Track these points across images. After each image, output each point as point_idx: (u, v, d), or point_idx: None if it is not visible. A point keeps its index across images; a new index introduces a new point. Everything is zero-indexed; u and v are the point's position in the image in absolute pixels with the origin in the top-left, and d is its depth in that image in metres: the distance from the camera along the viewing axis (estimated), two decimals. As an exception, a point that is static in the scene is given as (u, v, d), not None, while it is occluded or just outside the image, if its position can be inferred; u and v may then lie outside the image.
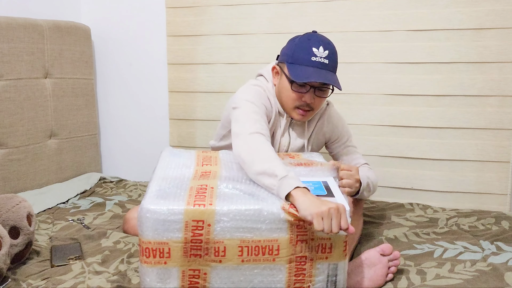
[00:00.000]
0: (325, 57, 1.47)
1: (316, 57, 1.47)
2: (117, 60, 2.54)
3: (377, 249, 1.34)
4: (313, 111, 1.56)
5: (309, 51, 1.47)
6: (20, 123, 2.08)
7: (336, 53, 1.53)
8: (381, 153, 2.16)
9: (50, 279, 1.34)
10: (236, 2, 2.25)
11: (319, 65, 1.47)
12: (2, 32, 2.00)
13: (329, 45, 1.51)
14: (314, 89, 1.50)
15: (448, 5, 1.99)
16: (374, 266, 1.31)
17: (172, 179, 1.27)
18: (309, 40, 1.50)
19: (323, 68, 1.47)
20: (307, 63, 1.47)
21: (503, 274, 1.33)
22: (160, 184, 1.24)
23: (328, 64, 1.48)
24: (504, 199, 2.03)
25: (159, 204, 1.14)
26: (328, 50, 1.49)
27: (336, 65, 1.52)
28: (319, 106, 1.56)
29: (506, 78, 1.96)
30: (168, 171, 1.33)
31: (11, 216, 1.42)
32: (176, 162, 1.40)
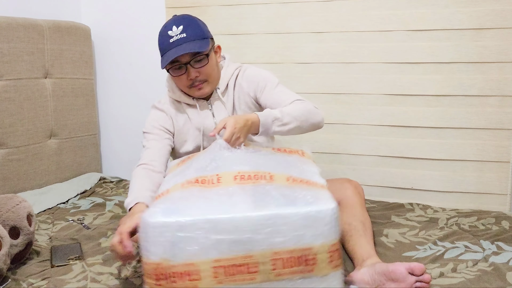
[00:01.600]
0: (181, 32, 1.53)
1: (172, 37, 1.53)
2: (117, 60, 2.54)
3: (406, 265, 1.23)
4: (208, 81, 1.59)
5: (166, 36, 1.54)
6: (20, 123, 2.08)
7: (194, 22, 1.57)
8: (381, 153, 2.16)
9: (50, 279, 1.33)
10: (236, 2, 2.25)
11: (178, 42, 1.52)
12: (2, 32, 1.99)
13: (183, 19, 1.56)
14: (189, 64, 1.54)
15: (448, 5, 1.99)
16: (398, 282, 1.22)
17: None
18: (165, 27, 1.57)
19: (183, 42, 1.52)
20: (168, 47, 1.54)
21: (505, 274, 1.33)
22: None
23: (187, 36, 1.52)
24: (504, 199, 2.03)
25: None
26: (182, 25, 1.54)
27: (198, 31, 1.55)
28: (210, 74, 1.58)
29: (506, 78, 1.96)
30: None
31: (11, 216, 1.41)
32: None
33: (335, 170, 2.21)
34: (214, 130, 1.37)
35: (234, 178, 1.17)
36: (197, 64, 1.55)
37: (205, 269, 1.06)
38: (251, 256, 1.07)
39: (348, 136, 2.19)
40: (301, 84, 2.20)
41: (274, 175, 1.19)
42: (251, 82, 1.65)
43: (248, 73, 1.67)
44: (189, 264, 1.05)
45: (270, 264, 1.08)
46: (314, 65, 2.18)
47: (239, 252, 1.06)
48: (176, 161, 1.45)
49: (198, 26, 1.57)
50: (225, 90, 1.66)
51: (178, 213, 1.07)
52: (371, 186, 2.18)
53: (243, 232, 1.06)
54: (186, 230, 1.05)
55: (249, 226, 1.06)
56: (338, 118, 2.18)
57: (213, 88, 1.62)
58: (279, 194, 1.13)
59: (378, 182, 2.18)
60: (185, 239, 1.05)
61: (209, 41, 1.59)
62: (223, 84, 1.65)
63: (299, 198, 1.12)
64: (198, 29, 1.56)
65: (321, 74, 2.18)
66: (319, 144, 2.21)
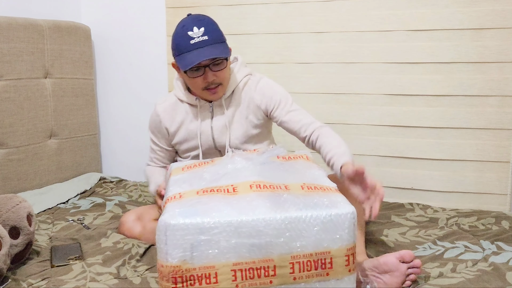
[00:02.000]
0: (203, 34, 1.51)
1: (194, 38, 1.51)
2: (117, 60, 2.54)
3: (396, 255, 1.28)
4: (222, 85, 1.59)
5: (186, 37, 1.51)
6: (20, 123, 2.08)
7: (213, 24, 1.56)
8: (381, 153, 2.16)
9: (50, 279, 1.33)
10: (236, 2, 2.25)
11: (200, 44, 1.51)
12: (2, 32, 1.99)
13: (203, 21, 1.55)
14: (208, 67, 1.53)
15: (448, 5, 1.99)
16: (391, 272, 1.26)
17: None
18: (184, 27, 1.54)
19: (205, 45, 1.51)
20: (189, 49, 1.51)
21: (505, 273, 1.33)
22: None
23: (209, 39, 1.51)
24: (504, 199, 2.03)
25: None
26: (203, 27, 1.52)
27: (218, 34, 1.55)
28: (226, 78, 1.59)
29: (506, 78, 1.96)
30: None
31: (11, 216, 1.41)
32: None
33: (335, 170, 2.21)
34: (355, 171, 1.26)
35: (250, 187, 1.17)
36: (216, 68, 1.54)
37: (224, 272, 1.06)
38: (270, 260, 1.08)
39: (348, 136, 2.18)
40: (301, 84, 2.20)
41: (289, 185, 1.20)
42: (265, 96, 1.64)
43: (261, 86, 1.66)
44: (209, 267, 1.05)
45: (288, 267, 1.09)
46: (314, 65, 2.18)
47: (258, 255, 1.07)
48: (179, 165, 1.43)
49: (218, 29, 1.57)
50: (230, 95, 1.66)
51: (198, 215, 1.06)
52: (371, 186, 2.17)
53: (264, 235, 1.06)
54: (207, 233, 1.04)
55: (270, 230, 1.06)
56: (338, 118, 2.18)
57: (224, 91, 1.63)
58: (297, 200, 1.13)
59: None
60: (206, 242, 1.04)
61: (227, 45, 1.59)
62: (230, 89, 1.64)
63: (317, 202, 1.13)
64: (218, 32, 1.56)
65: (321, 74, 2.18)
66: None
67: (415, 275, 1.29)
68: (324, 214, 1.09)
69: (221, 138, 1.66)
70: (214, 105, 1.65)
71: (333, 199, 1.15)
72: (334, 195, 1.17)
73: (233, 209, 1.08)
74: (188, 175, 1.31)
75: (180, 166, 1.41)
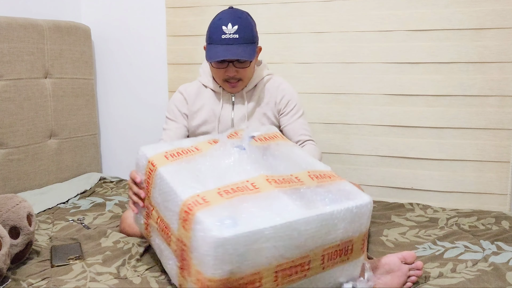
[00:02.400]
0: (235, 33, 1.56)
1: (225, 34, 1.56)
2: (117, 60, 2.54)
3: (398, 255, 1.28)
4: (242, 81, 1.65)
5: (219, 30, 1.57)
6: (20, 123, 2.08)
7: (249, 25, 1.60)
8: (381, 153, 2.16)
9: (50, 279, 1.33)
10: (236, 2, 2.25)
11: (229, 41, 1.56)
12: (2, 32, 1.99)
13: (240, 19, 1.59)
14: (232, 63, 1.59)
15: (448, 5, 1.99)
16: (393, 273, 1.27)
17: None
18: (220, 19, 1.60)
19: (234, 43, 1.56)
20: (218, 42, 1.57)
21: (505, 274, 1.33)
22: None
23: (239, 38, 1.56)
24: (504, 199, 2.03)
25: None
26: (237, 25, 1.57)
27: (250, 35, 1.59)
28: (247, 75, 1.65)
29: (506, 78, 1.96)
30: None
31: (11, 216, 1.41)
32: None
33: (335, 170, 2.19)
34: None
35: (268, 182, 1.17)
36: (239, 65, 1.61)
37: (267, 275, 1.06)
38: (307, 256, 1.11)
39: (348, 136, 2.19)
40: (301, 84, 2.21)
41: (298, 175, 1.23)
42: (284, 98, 1.72)
43: (283, 88, 1.74)
44: (254, 274, 1.04)
45: (320, 260, 1.14)
46: (314, 65, 2.19)
47: (297, 254, 1.09)
48: (157, 151, 1.32)
49: (251, 30, 1.61)
50: (252, 89, 1.72)
51: (241, 224, 1.02)
52: (371, 186, 2.18)
53: (303, 234, 1.08)
54: (254, 241, 1.02)
55: (309, 228, 1.08)
56: (338, 118, 2.18)
57: (244, 86, 1.69)
58: (319, 193, 1.17)
59: (378, 182, 2.18)
60: (252, 250, 1.02)
61: (256, 47, 1.64)
62: (252, 84, 1.71)
63: (338, 194, 1.18)
64: (251, 33, 1.60)
65: (321, 74, 2.18)
66: (319, 144, 2.20)
67: (416, 277, 1.29)
68: (351, 207, 1.15)
69: (239, 127, 1.67)
70: (235, 95, 1.71)
71: (346, 188, 1.21)
72: (343, 183, 1.24)
73: (271, 212, 1.07)
74: (181, 167, 1.25)
75: (160, 153, 1.30)
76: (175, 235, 1.15)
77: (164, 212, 1.21)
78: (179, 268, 1.16)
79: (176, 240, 1.15)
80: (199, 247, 1.02)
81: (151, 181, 1.27)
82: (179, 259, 1.15)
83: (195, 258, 1.04)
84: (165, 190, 1.20)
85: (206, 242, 1.00)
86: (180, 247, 1.13)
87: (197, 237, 1.02)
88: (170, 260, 1.21)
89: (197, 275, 1.04)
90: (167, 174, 1.22)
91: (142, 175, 1.33)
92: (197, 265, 1.04)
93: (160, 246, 1.28)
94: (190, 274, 1.08)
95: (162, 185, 1.21)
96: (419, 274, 1.29)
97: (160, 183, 1.23)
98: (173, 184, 1.18)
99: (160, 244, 1.27)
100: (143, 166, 1.32)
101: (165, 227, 1.21)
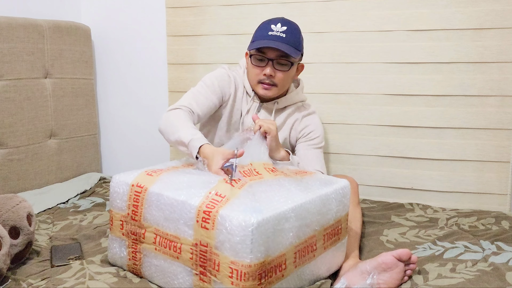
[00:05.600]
0: (282, 32, 1.54)
1: (273, 31, 1.55)
2: (117, 60, 2.54)
3: (393, 253, 1.30)
4: (276, 86, 1.61)
5: (267, 28, 1.57)
6: (20, 123, 2.08)
7: (296, 31, 1.59)
8: (381, 153, 2.16)
9: (50, 279, 1.33)
10: (236, 2, 2.25)
11: (275, 38, 1.54)
12: (2, 32, 1.99)
13: (289, 23, 1.59)
14: (272, 62, 1.56)
15: (448, 5, 1.99)
16: (390, 270, 1.29)
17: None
18: (270, 21, 1.59)
19: (279, 40, 1.54)
20: (264, 38, 1.55)
21: (505, 274, 1.33)
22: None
23: (285, 38, 1.54)
24: (504, 199, 2.03)
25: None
26: (286, 26, 1.56)
27: (296, 40, 1.58)
28: (282, 81, 1.61)
29: (506, 78, 1.96)
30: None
31: (11, 216, 1.41)
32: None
33: (335, 170, 2.21)
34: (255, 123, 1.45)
35: (265, 169, 1.34)
36: (279, 66, 1.58)
37: (290, 256, 1.15)
38: (314, 236, 1.23)
39: (348, 136, 2.19)
40: (301, 84, 2.20)
41: (284, 171, 1.41)
42: (305, 125, 1.70)
43: (310, 119, 1.72)
44: (281, 255, 1.13)
45: (322, 239, 1.27)
46: (314, 65, 2.18)
47: (308, 233, 1.20)
48: (138, 173, 1.33)
49: (299, 36, 1.60)
50: (281, 109, 1.69)
51: (264, 209, 1.09)
52: (371, 186, 2.18)
53: (311, 214, 1.20)
54: (278, 222, 1.10)
55: (314, 208, 1.20)
56: (338, 118, 2.18)
57: (276, 95, 1.65)
58: (309, 181, 1.31)
59: (378, 182, 2.18)
60: (278, 231, 1.10)
61: (300, 55, 1.62)
62: (284, 103, 1.68)
63: (322, 181, 1.33)
64: (298, 38, 1.59)
65: (321, 74, 2.18)
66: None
67: (411, 271, 1.34)
68: (338, 188, 1.31)
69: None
70: (263, 106, 1.68)
71: (324, 177, 1.39)
72: (319, 174, 1.43)
73: (281, 196, 1.17)
74: (169, 180, 1.27)
75: (140, 173, 1.32)
76: (189, 242, 1.16)
77: (167, 226, 1.21)
78: (198, 275, 1.16)
79: (191, 247, 1.16)
80: (234, 236, 1.05)
81: (140, 203, 1.27)
82: (198, 264, 1.15)
83: (227, 250, 1.07)
84: (166, 203, 1.21)
85: (242, 228, 1.04)
86: (198, 251, 1.14)
87: (228, 228, 1.06)
88: (180, 274, 1.20)
89: (231, 267, 1.07)
90: (162, 189, 1.24)
91: (122, 202, 1.32)
92: (231, 256, 1.07)
93: (161, 266, 1.25)
94: (218, 271, 1.10)
95: (160, 201, 1.23)
96: (413, 268, 1.34)
97: (156, 200, 1.23)
98: (174, 195, 1.20)
99: (162, 263, 1.24)
100: (123, 193, 1.32)
101: (171, 241, 1.21)
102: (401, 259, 1.30)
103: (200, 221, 1.13)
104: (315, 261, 1.26)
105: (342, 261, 1.40)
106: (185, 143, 1.40)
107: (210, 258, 1.12)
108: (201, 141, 1.38)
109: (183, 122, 1.47)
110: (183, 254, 1.18)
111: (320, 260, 1.29)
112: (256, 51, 1.57)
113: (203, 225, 1.12)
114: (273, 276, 1.11)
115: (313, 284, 1.26)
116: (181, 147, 1.42)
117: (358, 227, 1.55)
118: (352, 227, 1.51)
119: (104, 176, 2.40)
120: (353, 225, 1.53)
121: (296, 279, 1.20)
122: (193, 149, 1.38)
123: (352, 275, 1.31)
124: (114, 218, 1.35)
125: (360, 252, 1.53)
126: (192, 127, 1.45)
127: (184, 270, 1.19)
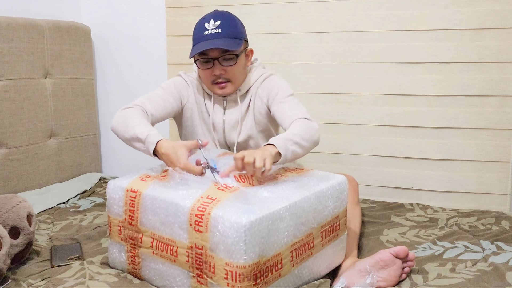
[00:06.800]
0: (217, 27, 1.52)
1: (207, 30, 1.53)
2: (117, 60, 2.54)
3: (391, 251, 1.31)
4: (231, 82, 1.58)
5: (201, 28, 1.54)
6: (20, 123, 2.08)
7: (232, 21, 1.56)
8: (381, 153, 2.16)
9: (50, 279, 1.33)
10: (236, 2, 2.25)
11: (211, 36, 1.52)
12: (2, 32, 1.99)
13: (222, 15, 1.56)
14: (217, 61, 1.54)
15: (448, 5, 1.99)
16: (388, 268, 1.30)
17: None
18: (203, 19, 1.57)
19: (216, 37, 1.51)
20: (201, 39, 1.53)
21: (504, 274, 1.33)
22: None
23: (222, 33, 1.52)
24: (504, 199, 2.03)
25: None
26: (219, 20, 1.53)
27: (233, 31, 1.54)
28: (235, 75, 1.58)
29: (506, 78, 1.96)
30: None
31: (11, 216, 1.41)
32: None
33: (335, 170, 2.20)
34: (234, 164, 1.25)
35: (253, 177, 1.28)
36: (225, 62, 1.55)
37: (286, 255, 1.15)
38: (310, 234, 1.23)
39: (348, 136, 2.19)
40: (301, 84, 2.20)
41: (277, 172, 1.38)
42: (266, 88, 1.63)
43: (267, 81, 1.64)
44: (277, 255, 1.12)
45: (320, 237, 1.27)
46: (314, 65, 2.18)
47: (304, 231, 1.20)
48: (133, 178, 1.33)
49: (235, 25, 1.56)
50: (245, 93, 1.65)
51: (257, 209, 1.08)
52: (371, 186, 2.18)
53: (306, 212, 1.19)
54: (272, 222, 1.09)
55: (308, 206, 1.20)
56: (338, 118, 2.18)
57: (235, 89, 1.62)
58: (304, 179, 1.29)
59: (378, 182, 2.18)
60: (273, 231, 1.09)
61: (242, 43, 1.58)
62: (245, 87, 1.64)
63: (318, 178, 1.31)
64: (235, 28, 1.56)
65: (321, 74, 2.18)
66: (319, 144, 2.20)
67: (409, 268, 1.34)
68: (335, 184, 1.30)
69: (231, 133, 1.65)
70: (227, 100, 1.65)
71: (321, 174, 1.35)
72: (316, 171, 1.38)
73: (275, 195, 1.16)
74: (162, 184, 1.26)
75: (135, 178, 1.31)
76: (184, 245, 1.16)
77: (163, 230, 1.21)
78: (195, 277, 1.16)
79: (186, 250, 1.16)
80: (227, 238, 1.05)
81: (136, 207, 1.27)
82: (194, 267, 1.15)
83: (221, 252, 1.07)
84: (161, 207, 1.21)
85: (234, 230, 1.04)
86: (194, 254, 1.14)
87: (221, 230, 1.06)
88: (178, 277, 1.20)
89: (226, 269, 1.07)
90: (156, 192, 1.23)
91: (119, 207, 1.32)
92: (225, 258, 1.07)
93: (159, 269, 1.25)
94: (214, 273, 1.10)
95: (154, 204, 1.22)
96: (411, 265, 1.34)
97: (151, 204, 1.23)
98: (168, 198, 1.20)
99: (160, 267, 1.25)
100: (119, 198, 1.32)
101: (167, 245, 1.21)
102: (399, 256, 1.30)
103: (193, 224, 1.13)
104: (314, 259, 1.26)
105: (343, 257, 1.40)
106: (141, 139, 1.37)
107: (205, 261, 1.12)
108: (158, 136, 1.35)
109: (138, 119, 1.44)
110: (179, 258, 1.18)
111: (319, 257, 1.28)
112: (199, 55, 1.56)
113: (196, 228, 1.12)
114: (270, 275, 1.11)
115: (313, 284, 1.26)
116: (137, 143, 1.39)
117: (357, 227, 1.55)
118: (351, 227, 1.51)
119: (104, 176, 2.40)
120: (352, 224, 1.53)
121: (294, 277, 1.20)
122: (150, 145, 1.34)
123: (351, 274, 1.31)
124: (112, 223, 1.35)
125: (360, 252, 1.53)
126: (147, 124, 1.43)
127: (181, 273, 1.19)
